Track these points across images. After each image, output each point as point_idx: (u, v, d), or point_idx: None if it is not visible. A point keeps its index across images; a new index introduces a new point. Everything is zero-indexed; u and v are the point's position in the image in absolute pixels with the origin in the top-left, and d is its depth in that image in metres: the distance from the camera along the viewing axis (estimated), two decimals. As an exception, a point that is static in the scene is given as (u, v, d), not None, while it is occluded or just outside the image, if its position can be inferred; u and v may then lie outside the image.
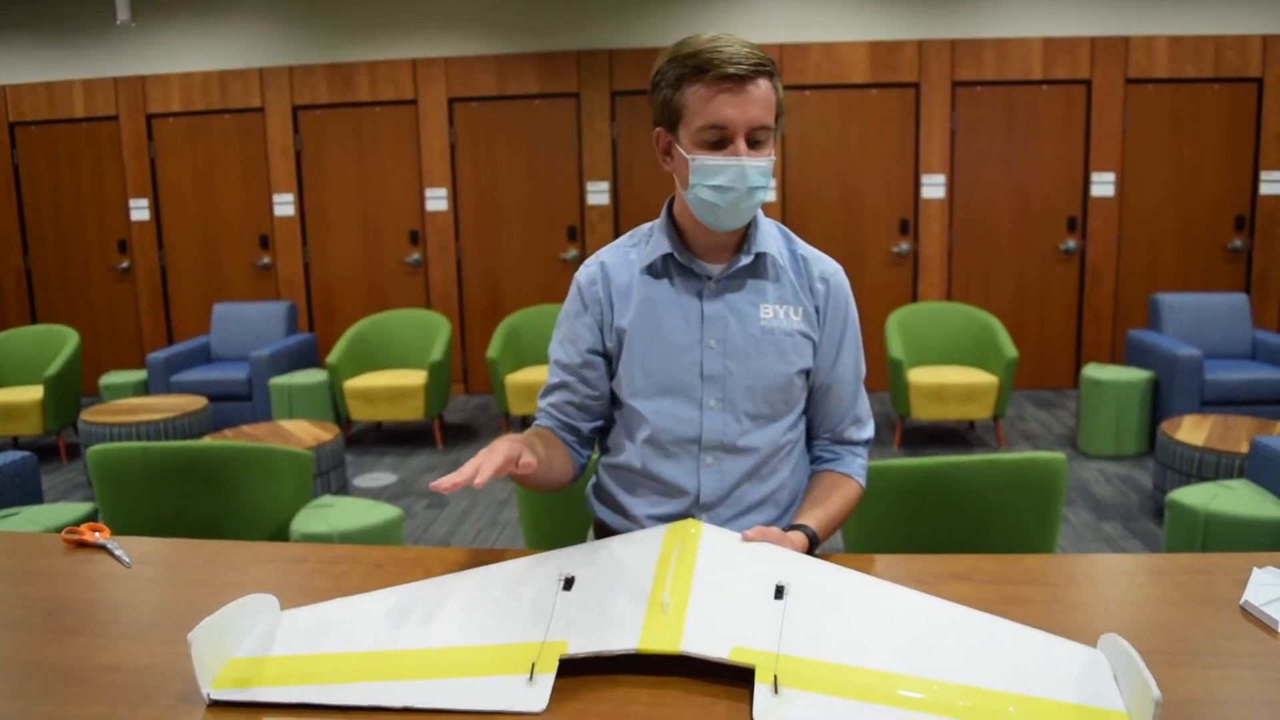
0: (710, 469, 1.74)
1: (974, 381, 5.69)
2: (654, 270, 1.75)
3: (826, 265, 1.78)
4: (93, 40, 7.48)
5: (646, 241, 1.78)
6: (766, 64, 1.59)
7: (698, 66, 1.57)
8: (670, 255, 1.73)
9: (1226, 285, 6.99)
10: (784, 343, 1.72)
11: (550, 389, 1.83)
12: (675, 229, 1.75)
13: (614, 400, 1.82)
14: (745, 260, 1.71)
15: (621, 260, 1.78)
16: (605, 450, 1.87)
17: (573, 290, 1.80)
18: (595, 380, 1.79)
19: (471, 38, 7.25)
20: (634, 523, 1.79)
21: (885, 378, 6.06)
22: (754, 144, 1.60)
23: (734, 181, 1.59)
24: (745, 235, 1.73)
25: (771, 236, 1.76)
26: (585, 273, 1.80)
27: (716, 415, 1.72)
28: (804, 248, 1.79)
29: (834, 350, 1.78)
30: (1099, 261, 7.06)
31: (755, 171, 1.59)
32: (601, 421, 1.85)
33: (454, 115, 7.37)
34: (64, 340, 6.33)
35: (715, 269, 1.73)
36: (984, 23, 6.88)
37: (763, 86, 1.58)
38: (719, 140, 1.59)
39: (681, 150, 1.63)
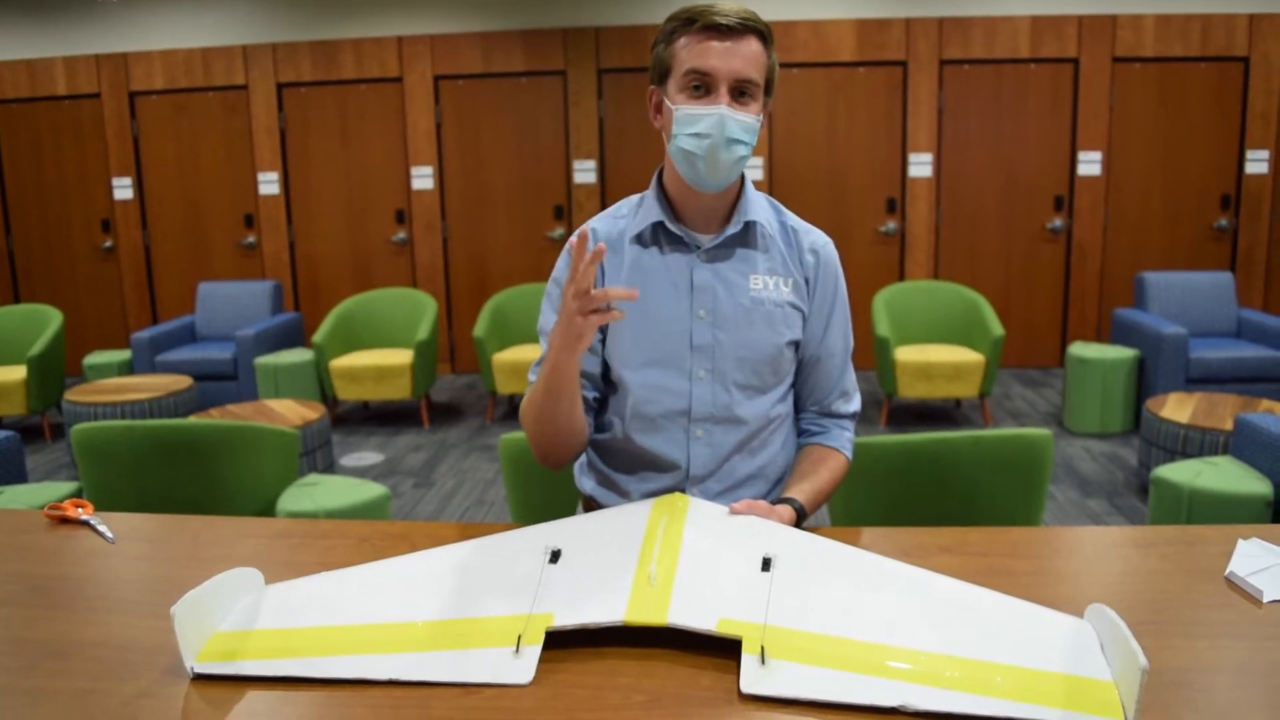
0: (700, 441, 1.73)
1: (960, 360, 5.70)
2: (643, 239, 1.74)
3: (816, 237, 1.78)
4: (74, 16, 7.40)
5: (636, 210, 1.76)
6: (758, 24, 1.60)
7: (688, 19, 1.60)
8: (660, 224, 1.72)
9: (1212, 264, 7.01)
10: (774, 313, 1.71)
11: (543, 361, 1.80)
12: (665, 198, 1.73)
13: (604, 376, 1.81)
14: (734, 229, 1.70)
15: (612, 229, 1.77)
16: (595, 428, 1.86)
17: (565, 257, 1.78)
18: (594, 345, 1.78)
19: (457, 15, 7.19)
20: (624, 499, 1.78)
21: (872, 356, 6.07)
22: (738, 97, 1.60)
23: (712, 129, 1.58)
24: (735, 205, 1.72)
25: (761, 207, 1.75)
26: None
27: (706, 386, 1.71)
28: (793, 220, 1.78)
29: (823, 322, 1.77)
30: (1085, 240, 7.08)
31: (734, 123, 1.58)
32: (598, 393, 1.83)
33: (440, 93, 7.32)
34: (47, 320, 6.29)
35: (705, 238, 1.72)
36: (971, 1, 6.86)
37: (751, 43, 1.59)
38: (702, 88, 1.60)
39: (668, 101, 1.64)
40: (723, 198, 1.70)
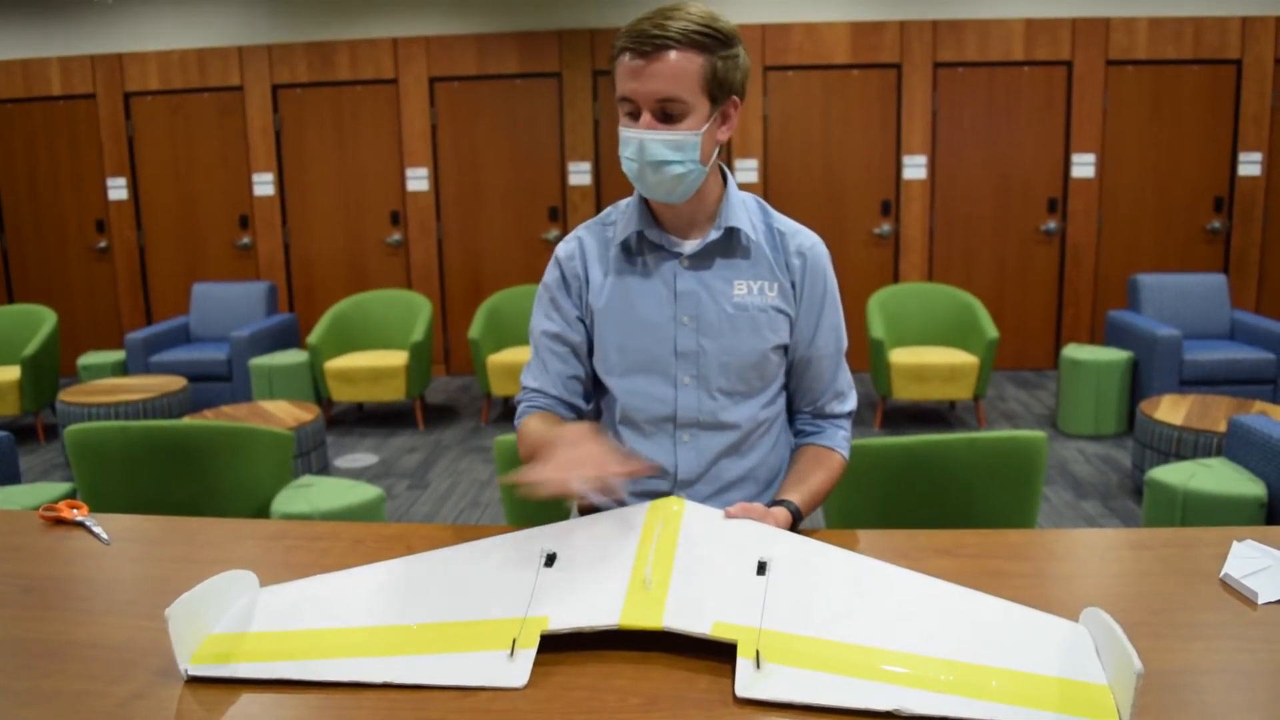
0: (686, 445, 1.73)
1: (955, 362, 5.71)
2: (628, 247, 1.74)
3: (804, 238, 1.76)
4: (69, 17, 7.38)
5: (622, 218, 1.77)
6: (686, 35, 1.53)
7: (619, 38, 1.58)
8: (642, 232, 1.72)
9: (1205, 266, 7.03)
10: (758, 319, 1.70)
11: (540, 367, 1.79)
12: (647, 206, 1.73)
13: (596, 380, 1.82)
14: (715, 235, 1.69)
15: (598, 237, 1.78)
16: (590, 430, 1.86)
17: (553, 265, 1.79)
18: (583, 354, 1.79)
19: (452, 17, 7.19)
20: (618, 502, 1.78)
21: (867, 358, 6.08)
22: (666, 117, 1.57)
23: (635, 154, 1.58)
24: (716, 210, 1.72)
25: (746, 210, 1.74)
26: (564, 248, 1.79)
27: (691, 392, 1.72)
28: (781, 221, 1.77)
29: (813, 324, 1.76)
30: (1079, 242, 7.09)
31: (658, 144, 1.56)
32: (591, 402, 1.84)
33: (435, 95, 7.32)
34: (42, 320, 6.27)
35: (687, 245, 1.71)
36: (965, 3, 6.87)
37: (671, 60, 1.53)
38: (632, 112, 1.59)
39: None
40: (700, 204, 1.69)
